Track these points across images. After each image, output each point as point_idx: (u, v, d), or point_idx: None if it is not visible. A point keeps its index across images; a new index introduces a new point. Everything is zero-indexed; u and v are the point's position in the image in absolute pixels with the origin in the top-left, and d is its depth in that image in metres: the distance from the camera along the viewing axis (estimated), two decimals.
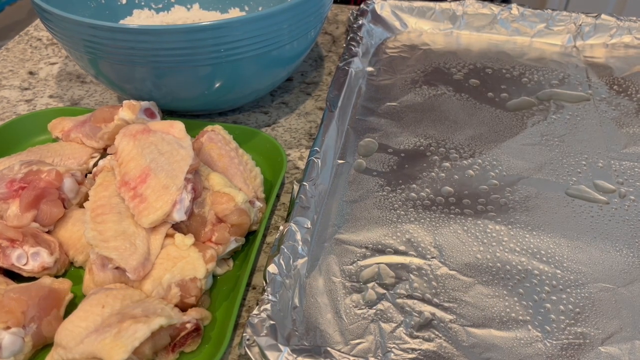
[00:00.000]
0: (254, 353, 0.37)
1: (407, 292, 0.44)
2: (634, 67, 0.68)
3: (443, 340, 0.40)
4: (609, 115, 0.61)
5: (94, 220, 0.43)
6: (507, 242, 0.47)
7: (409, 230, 0.48)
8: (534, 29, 0.73)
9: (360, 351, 0.40)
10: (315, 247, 0.47)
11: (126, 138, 0.46)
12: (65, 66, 0.72)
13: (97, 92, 0.67)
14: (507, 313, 0.42)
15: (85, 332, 0.38)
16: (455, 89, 0.65)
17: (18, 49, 0.76)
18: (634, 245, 0.47)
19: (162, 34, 0.49)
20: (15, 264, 0.43)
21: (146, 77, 0.54)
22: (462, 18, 0.75)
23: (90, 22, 0.49)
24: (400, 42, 0.73)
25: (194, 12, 0.72)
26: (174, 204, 0.43)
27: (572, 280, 0.44)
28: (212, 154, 0.50)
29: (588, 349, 0.40)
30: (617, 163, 0.55)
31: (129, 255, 0.41)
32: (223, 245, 0.45)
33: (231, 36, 0.50)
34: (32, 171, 0.46)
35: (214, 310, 0.43)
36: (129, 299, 0.40)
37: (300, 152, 0.59)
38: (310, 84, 0.69)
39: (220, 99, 0.59)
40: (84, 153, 0.53)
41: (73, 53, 0.55)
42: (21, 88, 0.68)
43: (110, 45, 0.50)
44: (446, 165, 0.55)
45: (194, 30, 0.49)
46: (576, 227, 0.49)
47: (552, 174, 0.54)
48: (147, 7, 0.71)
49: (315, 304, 0.43)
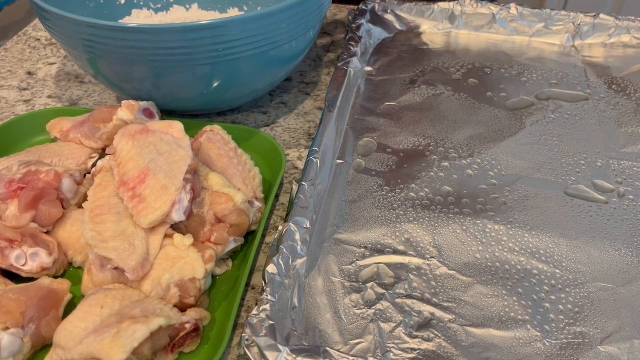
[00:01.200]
0: (253, 353, 0.37)
1: (407, 292, 0.44)
2: (632, 66, 0.68)
3: (442, 340, 0.40)
4: (607, 115, 0.61)
5: (92, 221, 0.43)
6: (507, 242, 0.47)
7: (408, 230, 0.48)
8: (532, 29, 0.73)
9: (360, 351, 0.40)
10: (314, 247, 0.47)
11: (125, 138, 0.46)
12: (63, 66, 0.72)
13: (95, 92, 0.67)
14: (506, 313, 0.42)
15: (85, 332, 0.37)
16: (454, 88, 0.65)
17: (17, 49, 0.76)
18: (633, 245, 0.47)
19: (160, 33, 0.49)
20: (14, 265, 0.43)
21: (145, 77, 0.54)
22: (460, 18, 0.75)
23: (89, 21, 0.49)
24: (399, 42, 0.73)
25: (193, 12, 0.72)
26: (173, 205, 0.43)
27: (571, 280, 0.45)
28: (211, 154, 0.50)
29: (587, 349, 0.40)
30: (616, 163, 0.55)
31: (128, 256, 0.41)
32: (222, 245, 0.45)
33: (229, 35, 0.50)
34: (31, 172, 0.46)
35: (213, 311, 0.43)
36: (128, 300, 0.40)
37: (299, 152, 0.59)
38: (309, 84, 0.69)
39: (218, 99, 0.59)
40: (83, 153, 0.53)
41: (72, 53, 0.55)
42: (20, 88, 0.68)
43: (109, 44, 0.50)
44: (445, 165, 0.55)
45: (192, 30, 0.49)
46: (575, 227, 0.49)
47: (551, 174, 0.54)
48: (146, 7, 0.71)
49: (315, 304, 0.43)
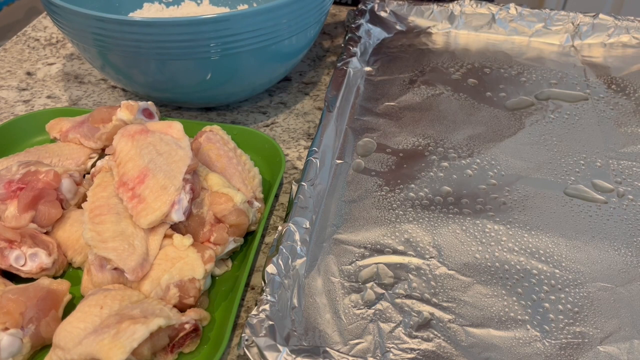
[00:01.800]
0: (253, 353, 0.37)
1: (406, 292, 0.44)
2: (632, 66, 0.68)
3: (442, 340, 0.40)
4: (607, 115, 0.61)
5: (92, 221, 0.43)
6: (506, 242, 0.47)
7: (407, 230, 0.48)
8: (532, 29, 0.73)
9: (359, 351, 0.40)
10: (313, 247, 0.47)
11: (124, 138, 0.46)
12: (63, 66, 0.72)
13: (95, 92, 0.67)
14: (505, 313, 0.42)
15: (84, 333, 0.37)
16: (454, 88, 0.65)
17: (16, 49, 0.76)
18: (633, 245, 0.47)
19: (166, 27, 0.50)
20: (14, 265, 0.43)
21: (150, 69, 0.55)
22: (460, 18, 0.75)
23: (98, 15, 0.50)
24: (398, 42, 0.73)
25: (204, 7, 0.73)
26: (172, 205, 0.42)
27: (571, 279, 0.45)
28: (210, 154, 0.50)
29: (587, 349, 0.40)
30: (615, 162, 0.55)
31: (127, 256, 0.41)
32: (222, 245, 0.45)
33: (232, 29, 0.51)
34: (30, 172, 0.46)
35: (213, 311, 0.43)
36: (127, 300, 0.40)
37: (299, 152, 0.59)
38: (308, 84, 0.69)
39: (218, 92, 0.59)
40: (82, 154, 0.53)
41: (79, 45, 0.56)
42: (19, 89, 0.68)
43: (117, 37, 0.51)
44: (444, 165, 0.55)
45: (196, 23, 0.50)
46: (574, 227, 0.49)
47: (551, 174, 0.54)
48: (157, 1, 0.72)
49: (314, 304, 0.43)
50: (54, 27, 0.80)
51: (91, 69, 0.71)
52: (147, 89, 0.59)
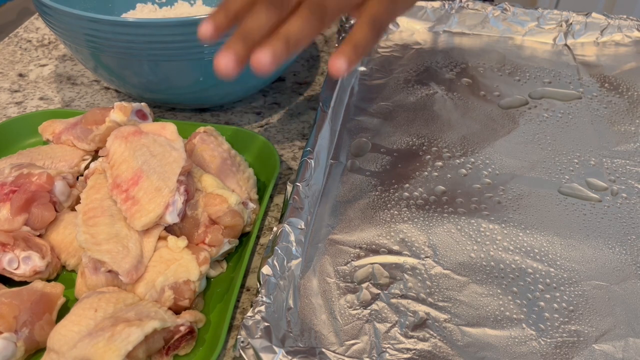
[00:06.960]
0: (249, 355, 0.37)
1: (402, 291, 0.44)
2: (624, 64, 0.68)
3: (438, 340, 0.40)
4: (600, 113, 0.61)
5: (85, 224, 0.42)
6: (501, 241, 0.47)
7: (402, 229, 0.48)
8: (525, 28, 0.73)
9: (355, 352, 0.40)
10: (309, 248, 0.47)
11: (118, 140, 0.46)
12: (55, 68, 0.71)
13: (88, 94, 0.67)
14: (501, 312, 0.42)
15: (78, 336, 0.37)
16: (448, 88, 0.65)
17: (7, 50, 0.75)
18: (627, 243, 0.47)
19: (159, 27, 0.50)
20: (7, 269, 0.43)
21: (143, 69, 0.54)
22: (453, 17, 0.75)
23: (90, 16, 0.50)
24: (392, 42, 0.73)
25: (197, 7, 0.72)
26: (166, 206, 0.42)
27: (566, 278, 0.45)
28: (204, 156, 0.50)
29: (582, 347, 0.40)
30: (609, 161, 0.55)
31: (121, 259, 0.41)
32: (216, 247, 0.45)
33: None
34: (23, 174, 0.46)
35: (208, 313, 0.43)
36: (122, 303, 0.40)
37: (293, 153, 0.58)
38: (302, 84, 0.68)
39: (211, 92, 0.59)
40: (75, 155, 0.53)
41: (72, 47, 0.55)
42: (11, 90, 0.68)
43: (110, 38, 0.51)
44: (439, 165, 0.55)
45: (189, 24, 0.50)
46: (569, 225, 0.49)
47: (545, 173, 0.54)
48: (150, 2, 0.72)
49: (310, 305, 0.43)
50: (46, 29, 0.80)
51: (84, 70, 0.71)
52: (141, 90, 0.58)
